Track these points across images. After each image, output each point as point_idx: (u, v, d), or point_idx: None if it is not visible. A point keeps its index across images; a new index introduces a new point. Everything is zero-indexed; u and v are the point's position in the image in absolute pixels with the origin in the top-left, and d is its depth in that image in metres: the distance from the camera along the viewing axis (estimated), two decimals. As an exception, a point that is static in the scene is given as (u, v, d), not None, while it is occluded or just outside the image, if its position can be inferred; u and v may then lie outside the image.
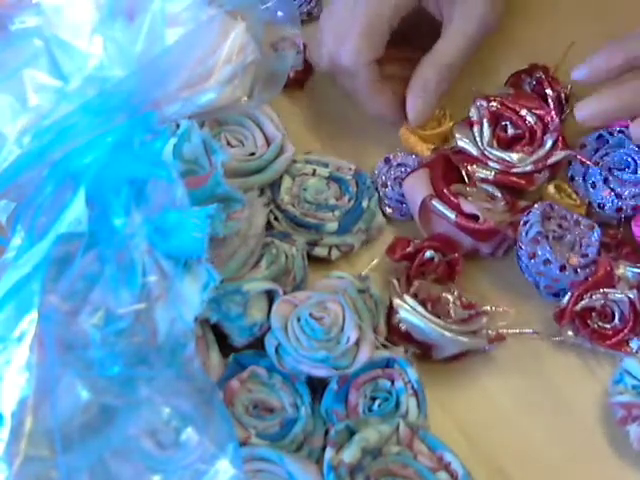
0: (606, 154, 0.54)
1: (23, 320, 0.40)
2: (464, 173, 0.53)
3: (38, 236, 0.44)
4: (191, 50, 0.50)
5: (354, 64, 0.54)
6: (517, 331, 0.51)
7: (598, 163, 0.54)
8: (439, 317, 0.48)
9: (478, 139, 0.54)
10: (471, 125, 0.54)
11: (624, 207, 0.52)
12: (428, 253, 0.51)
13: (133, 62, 0.49)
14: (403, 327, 0.49)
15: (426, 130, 0.56)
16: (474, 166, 0.53)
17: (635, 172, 0.53)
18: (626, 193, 0.52)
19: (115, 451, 0.40)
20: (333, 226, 0.53)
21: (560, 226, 0.51)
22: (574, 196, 0.54)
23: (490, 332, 0.50)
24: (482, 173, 0.53)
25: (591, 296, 0.49)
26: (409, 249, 0.52)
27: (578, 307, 0.49)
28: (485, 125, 0.54)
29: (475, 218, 0.51)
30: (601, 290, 0.49)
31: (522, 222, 0.51)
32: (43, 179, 0.46)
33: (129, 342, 0.41)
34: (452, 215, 0.51)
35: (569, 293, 0.50)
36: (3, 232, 0.48)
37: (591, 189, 0.53)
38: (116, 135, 0.46)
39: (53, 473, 0.39)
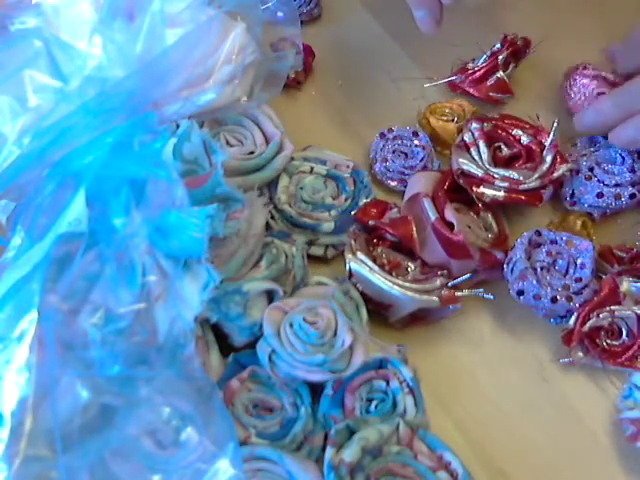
0: (596, 150, 0.55)
1: (23, 320, 0.40)
2: (474, 196, 0.53)
3: (38, 236, 0.44)
4: (191, 50, 0.50)
5: None
6: (466, 292, 0.50)
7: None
8: (391, 274, 0.49)
9: (478, 159, 0.53)
10: (467, 148, 0.54)
11: (605, 193, 0.52)
12: (388, 235, 0.52)
13: (133, 62, 0.49)
14: (360, 287, 0.49)
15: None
16: (481, 188, 0.52)
17: (622, 164, 0.54)
18: (607, 180, 0.53)
19: (115, 451, 0.40)
20: (329, 226, 0.53)
21: (550, 253, 0.50)
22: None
23: (444, 293, 0.50)
24: (491, 193, 0.52)
25: (598, 315, 0.49)
26: (371, 222, 0.52)
27: (586, 327, 0.49)
28: (482, 145, 0.54)
29: (451, 227, 0.51)
30: (607, 308, 0.49)
31: (507, 260, 0.50)
32: (43, 179, 0.46)
33: (129, 342, 0.42)
34: (433, 216, 0.51)
35: (575, 314, 0.49)
36: (3, 232, 0.48)
37: (575, 178, 0.54)
38: (116, 135, 0.46)
39: (53, 473, 0.39)
